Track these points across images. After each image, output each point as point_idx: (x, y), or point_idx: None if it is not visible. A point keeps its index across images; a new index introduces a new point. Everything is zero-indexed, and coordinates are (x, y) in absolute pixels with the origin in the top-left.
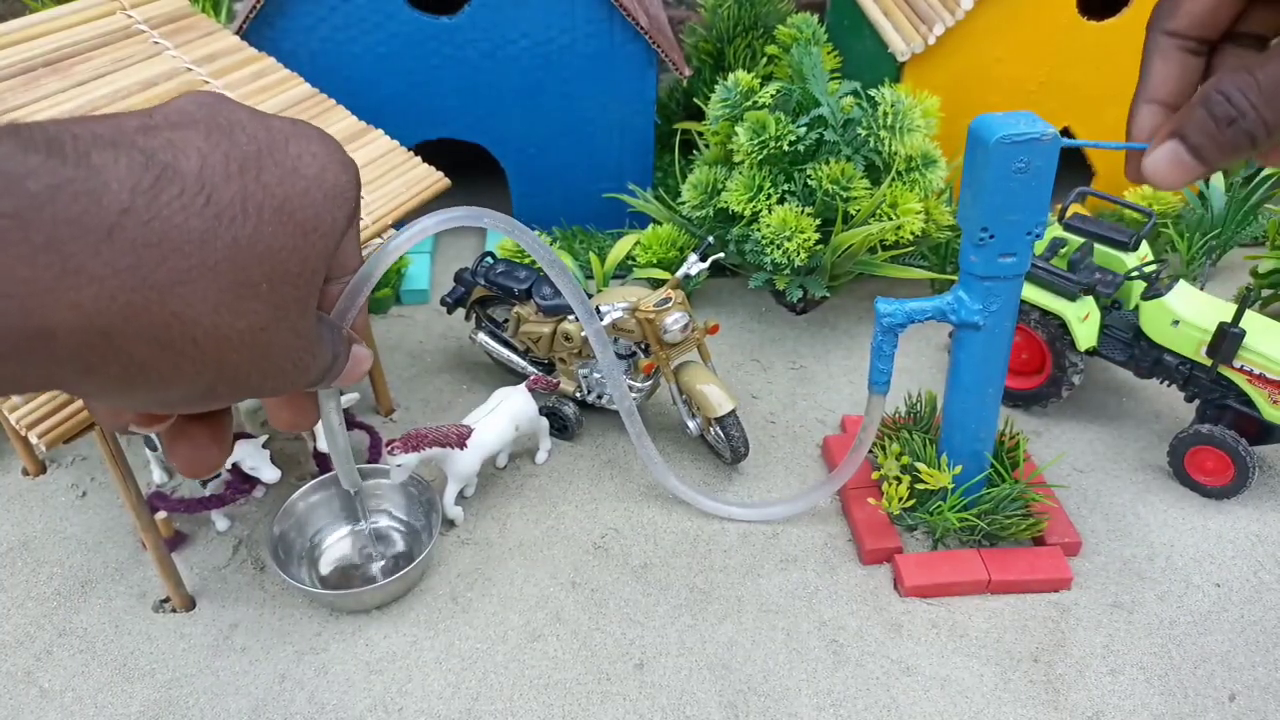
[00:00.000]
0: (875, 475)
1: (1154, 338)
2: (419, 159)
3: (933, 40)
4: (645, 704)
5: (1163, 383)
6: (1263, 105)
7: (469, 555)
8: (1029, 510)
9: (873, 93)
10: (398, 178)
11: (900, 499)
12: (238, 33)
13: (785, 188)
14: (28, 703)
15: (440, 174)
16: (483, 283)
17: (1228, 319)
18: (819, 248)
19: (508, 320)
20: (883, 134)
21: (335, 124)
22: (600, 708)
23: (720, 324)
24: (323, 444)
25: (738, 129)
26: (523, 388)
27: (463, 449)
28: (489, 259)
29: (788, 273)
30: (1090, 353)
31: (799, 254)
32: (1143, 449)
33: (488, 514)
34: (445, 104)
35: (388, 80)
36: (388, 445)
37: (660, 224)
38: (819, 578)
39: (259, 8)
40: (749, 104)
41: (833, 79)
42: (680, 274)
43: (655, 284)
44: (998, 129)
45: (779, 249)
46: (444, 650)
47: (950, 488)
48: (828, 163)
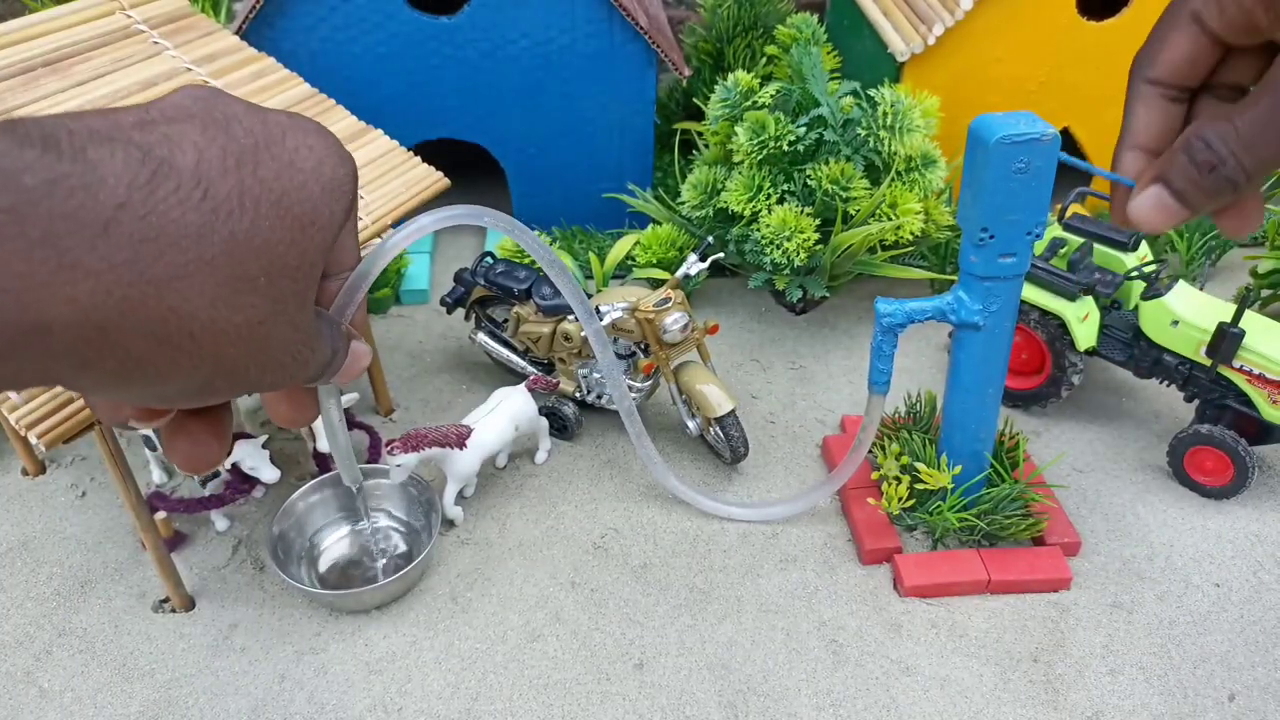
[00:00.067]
0: (875, 475)
1: (1153, 338)
2: (419, 159)
3: (932, 40)
4: (645, 704)
5: (1162, 383)
6: (1242, 152)
7: (468, 555)
8: (1028, 510)
9: (872, 93)
10: (397, 178)
11: (900, 499)
12: (237, 33)
13: (785, 188)
14: (27, 703)
15: (440, 174)
16: (482, 283)
17: (1227, 319)
18: (818, 248)
19: (507, 320)
20: (882, 134)
21: (335, 124)
22: (600, 708)
23: (720, 324)
24: (322, 444)
25: (737, 129)
26: (522, 388)
27: (462, 449)
28: (488, 259)
29: (787, 273)
30: (1090, 353)
31: (798, 254)
32: (1142, 449)
33: (487, 514)
34: (445, 104)
35: (387, 80)
36: (387, 445)
37: (660, 224)
38: (819, 578)
39: (259, 8)
40: (749, 104)
41: (832, 79)
42: (680, 274)
43: (655, 284)
44: (998, 129)
45: (778, 249)
46: (443, 650)
47: (950, 488)
48: (827, 163)
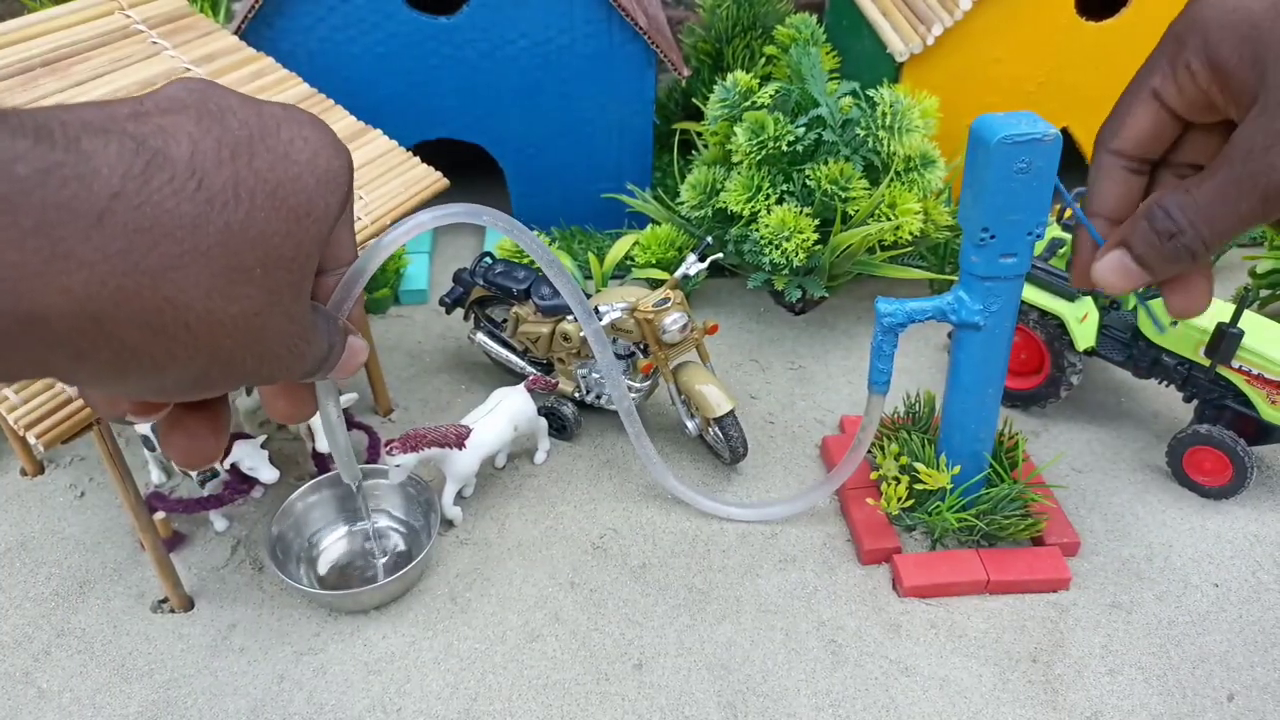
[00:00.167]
0: (874, 475)
1: (1152, 338)
2: (418, 159)
3: (931, 41)
4: (644, 704)
5: (1161, 383)
6: (1200, 223)
7: (467, 555)
8: (1028, 510)
9: (871, 93)
10: (396, 178)
11: (899, 499)
12: (236, 32)
13: (784, 188)
14: (26, 703)
15: (439, 174)
16: (481, 283)
17: (1226, 319)
18: (817, 248)
19: (506, 320)
20: (881, 134)
21: (334, 124)
22: (599, 708)
23: (719, 324)
24: (321, 444)
25: (736, 129)
26: (521, 388)
27: (461, 449)
28: (488, 259)
29: (786, 273)
30: (1089, 353)
31: (797, 254)
32: (1141, 449)
33: (486, 514)
34: (444, 104)
35: (386, 80)
36: (386, 445)
37: (659, 224)
38: (818, 578)
39: (257, 8)
40: (748, 104)
41: (831, 79)
42: (679, 274)
43: (654, 284)
44: (999, 129)
45: (777, 249)
46: (442, 650)
47: (949, 488)
48: (826, 163)
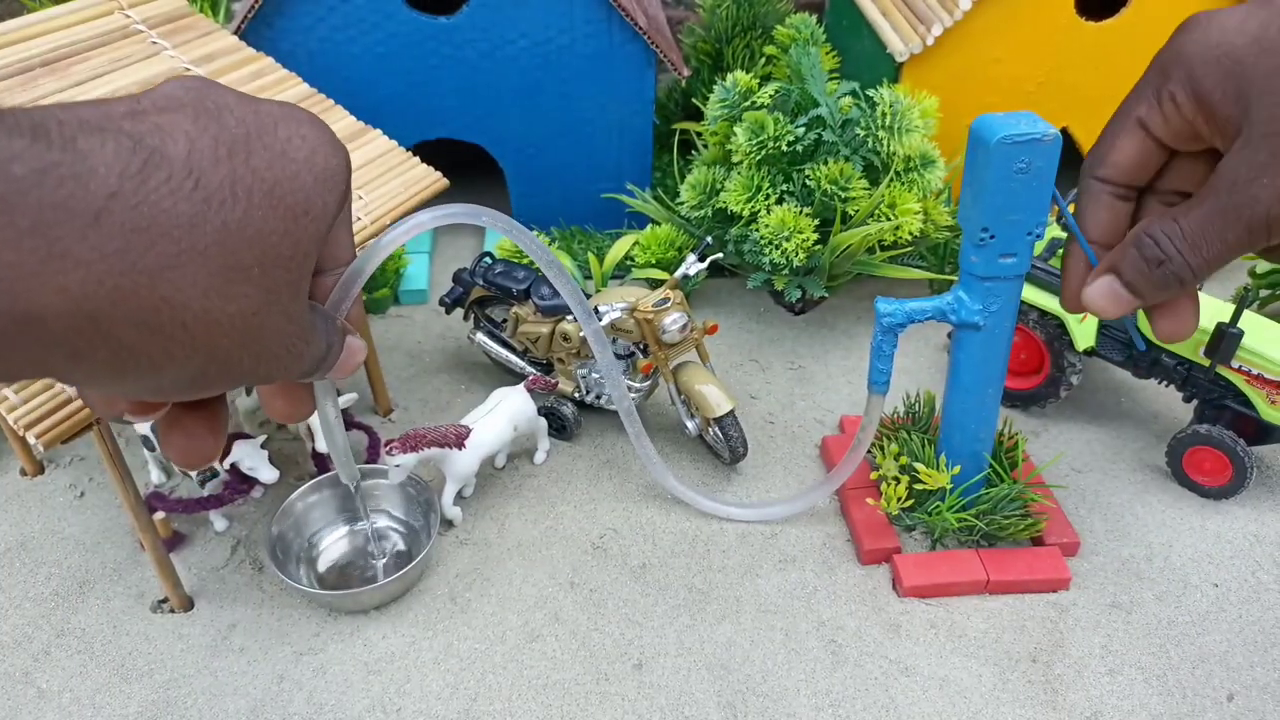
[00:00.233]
0: (874, 475)
1: (1152, 338)
2: (417, 159)
3: (931, 41)
4: (644, 704)
5: (1161, 383)
6: (1187, 251)
7: (467, 555)
8: (1027, 510)
9: (871, 93)
10: (396, 178)
11: (899, 499)
12: (236, 32)
13: (784, 188)
14: (25, 703)
15: (439, 174)
16: (481, 283)
17: (1226, 319)
18: (817, 248)
19: (506, 320)
20: (881, 134)
21: (334, 124)
22: (599, 708)
23: (719, 324)
24: (321, 444)
25: (736, 129)
26: (521, 388)
27: (461, 449)
28: (487, 259)
29: (786, 273)
30: (1089, 353)
31: (797, 254)
32: (1141, 449)
33: (486, 514)
34: (444, 104)
35: (386, 80)
36: (386, 445)
37: (659, 224)
38: (817, 578)
39: (257, 8)
40: (747, 104)
41: (831, 79)
42: (679, 274)
43: (654, 284)
44: (999, 129)
45: (777, 249)
46: (442, 650)
47: (949, 488)
48: (826, 163)
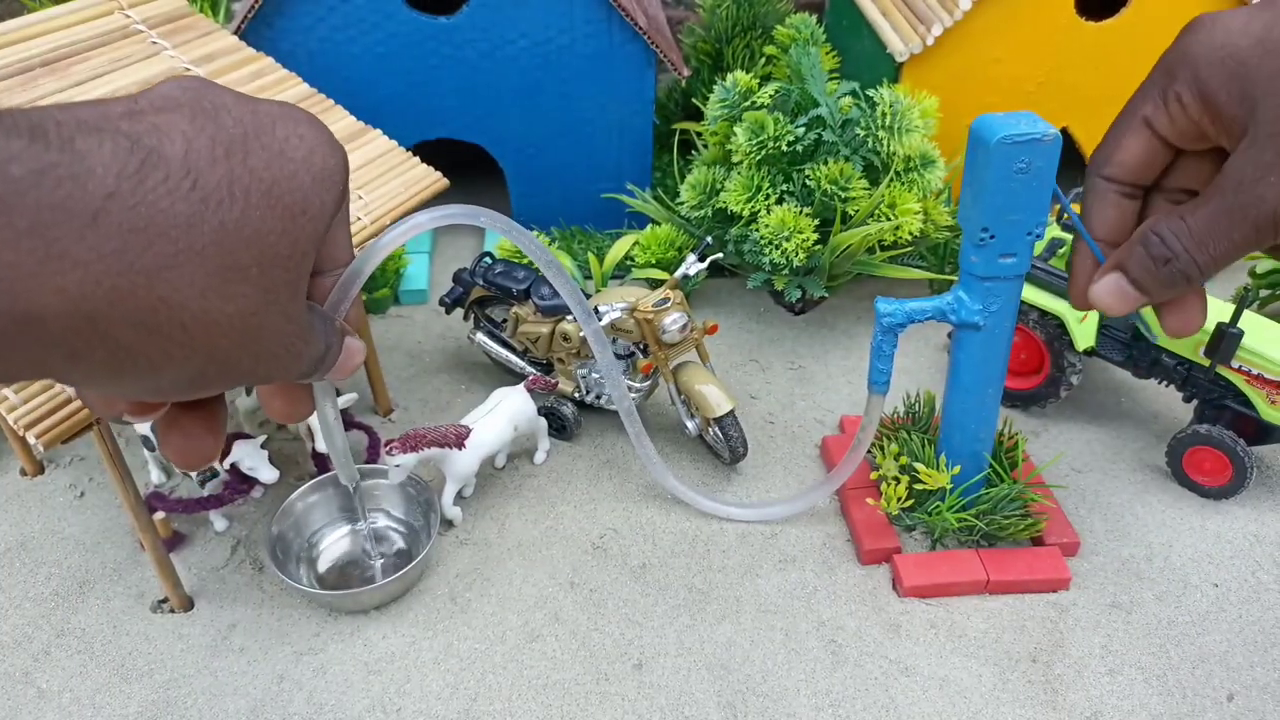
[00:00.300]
0: (874, 475)
1: (1159, 333)
2: (417, 159)
3: (931, 41)
4: (644, 704)
5: (1161, 383)
6: (1194, 249)
7: (467, 555)
8: (1027, 510)
9: (871, 93)
10: (396, 178)
11: (899, 499)
12: (236, 32)
13: (784, 188)
14: (25, 703)
15: (439, 174)
16: (481, 283)
17: (1226, 319)
18: (817, 248)
19: (506, 320)
20: (881, 134)
21: (334, 124)
22: (599, 708)
23: (719, 324)
24: (321, 444)
25: (736, 129)
26: (521, 388)
27: (461, 449)
28: (487, 259)
29: (786, 273)
30: (1089, 353)
31: (797, 254)
32: (1141, 449)
33: (486, 514)
34: (444, 104)
35: (386, 80)
36: (386, 445)
37: (659, 224)
38: (817, 578)
39: (257, 8)
40: (747, 104)
41: (831, 79)
42: (679, 274)
43: (654, 284)
44: (999, 129)
45: (777, 249)
46: (442, 650)
47: (949, 488)
48: (826, 163)
